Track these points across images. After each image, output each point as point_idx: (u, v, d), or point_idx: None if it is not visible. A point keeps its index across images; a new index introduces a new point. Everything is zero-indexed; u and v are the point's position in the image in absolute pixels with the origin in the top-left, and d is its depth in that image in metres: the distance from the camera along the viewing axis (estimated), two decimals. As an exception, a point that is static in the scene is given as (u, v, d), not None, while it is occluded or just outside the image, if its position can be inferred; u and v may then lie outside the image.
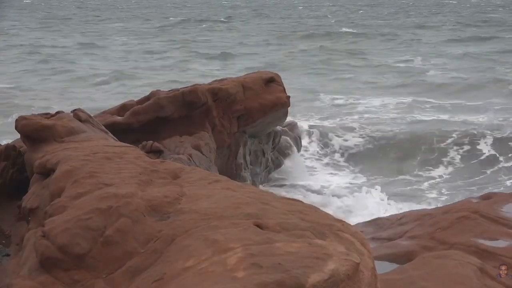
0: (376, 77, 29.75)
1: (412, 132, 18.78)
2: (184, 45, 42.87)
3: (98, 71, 31.42)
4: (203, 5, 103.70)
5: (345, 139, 18.28)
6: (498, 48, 39.37)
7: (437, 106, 22.78)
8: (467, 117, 20.55)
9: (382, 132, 18.77)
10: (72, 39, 45.96)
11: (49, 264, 3.88)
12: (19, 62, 34.23)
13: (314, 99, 24.33)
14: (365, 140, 18.20)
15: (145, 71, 31.63)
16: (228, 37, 49.28)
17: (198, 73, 30.14)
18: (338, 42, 44.48)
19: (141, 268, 3.69)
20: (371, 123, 20.00)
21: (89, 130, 7.74)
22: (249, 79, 13.64)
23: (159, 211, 4.28)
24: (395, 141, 18.08)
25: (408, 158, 17.15)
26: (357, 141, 18.18)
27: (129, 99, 13.72)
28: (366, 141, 18.15)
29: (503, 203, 7.69)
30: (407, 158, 17.14)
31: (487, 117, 20.48)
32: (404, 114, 21.42)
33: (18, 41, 43.88)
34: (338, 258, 3.15)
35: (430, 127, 19.14)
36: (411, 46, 41.94)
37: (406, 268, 5.89)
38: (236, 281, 2.96)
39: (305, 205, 4.40)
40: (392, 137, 18.40)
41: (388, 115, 21.25)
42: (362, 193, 13.70)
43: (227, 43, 44.07)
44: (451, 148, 17.38)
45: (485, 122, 19.75)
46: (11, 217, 7.03)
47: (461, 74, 29.61)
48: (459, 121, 19.95)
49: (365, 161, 17.07)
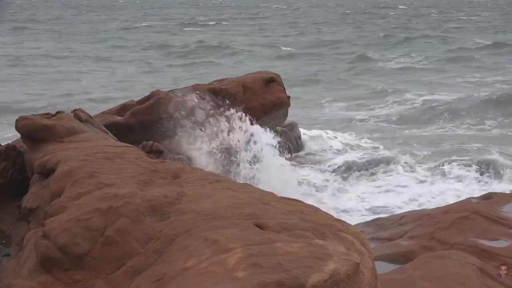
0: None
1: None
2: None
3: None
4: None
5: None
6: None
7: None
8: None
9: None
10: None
11: (49, 264, 3.88)
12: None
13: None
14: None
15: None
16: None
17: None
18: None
19: (141, 268, 3.69)
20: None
21: (89, 130, 7.74)
22: (250, 79, 13.66)
23: (159, 211, 4.28)
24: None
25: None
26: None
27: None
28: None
29: (503, 203, 7.69)
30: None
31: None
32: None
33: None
34: (338, 258, 3.15)
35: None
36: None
37: (406, 268, 5.89)
38: (236, 281, 2.96)
39: (306, 205, 4.40)
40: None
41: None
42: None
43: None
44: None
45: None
46: (11, 217, 7.03)
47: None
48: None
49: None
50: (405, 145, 17.41)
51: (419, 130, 19.89)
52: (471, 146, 16.74)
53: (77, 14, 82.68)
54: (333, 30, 57.88)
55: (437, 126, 20.38)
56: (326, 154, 16.27)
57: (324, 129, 18.64)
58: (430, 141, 17.87)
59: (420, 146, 17.19)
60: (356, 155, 15.92)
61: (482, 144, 16.90)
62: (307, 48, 43.90)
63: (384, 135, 18.89)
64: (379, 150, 16.41)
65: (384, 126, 20.56)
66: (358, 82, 30.14)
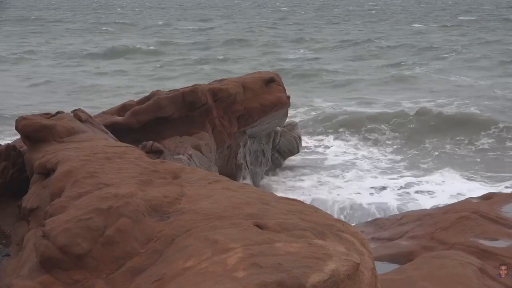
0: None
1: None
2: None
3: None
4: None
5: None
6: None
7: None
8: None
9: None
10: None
11: (49, 264, 3.87)
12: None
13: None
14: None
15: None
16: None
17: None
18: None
19: (141, 268, 3.69)
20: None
21: (89, 130, 7.74)
22: (250, 79, 13.63)
23: (159, 211, 4.28)
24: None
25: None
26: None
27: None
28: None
29: (503, 203, 7.69)
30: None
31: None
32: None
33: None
34: (338, 258, 3.14)
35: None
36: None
37: (406, 268, 5.90)
38: (236, 281, 2.96)
39: (305, 205, 4.40)
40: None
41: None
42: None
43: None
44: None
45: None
46: (11, 217, 7.03)
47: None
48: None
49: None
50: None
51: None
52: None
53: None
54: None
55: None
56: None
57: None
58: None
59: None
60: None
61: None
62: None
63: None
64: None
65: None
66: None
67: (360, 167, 16.75)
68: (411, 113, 21.71)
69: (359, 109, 23.22)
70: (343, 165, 16.96)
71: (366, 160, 17.50)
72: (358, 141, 19.56)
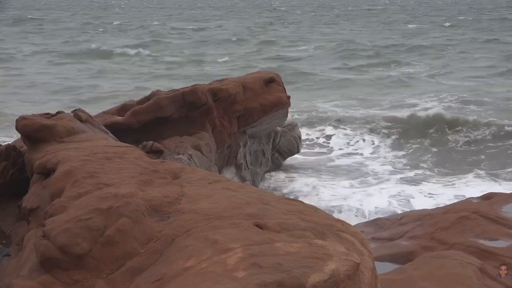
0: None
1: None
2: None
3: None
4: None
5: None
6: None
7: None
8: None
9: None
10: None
11: (49, 264, 3.87)
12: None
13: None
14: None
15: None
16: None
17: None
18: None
19: (141, 268, 3.69)
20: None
21: (89, 130, 7.74)
22: (250, 79, 13.62)
23: (159, 211, 4.28)
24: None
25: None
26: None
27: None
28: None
29: (503, 203, 7.69)
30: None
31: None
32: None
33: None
34: (338, 258, 3.14)
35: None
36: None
37: (406, 268, 5.89)
38: (236, 281, 2.96)
39: (305, 205, 4.40)
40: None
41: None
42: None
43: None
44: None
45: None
46: (11, 217, 7.03)
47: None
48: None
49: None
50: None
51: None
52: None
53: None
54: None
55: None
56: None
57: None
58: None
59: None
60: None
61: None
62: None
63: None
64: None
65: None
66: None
67: (360, 166, 16.77)
68: (409, 112, 21.78)
69: (357, 109, 23.27)
70: (343, 165, 16.99)
71: (366, 160, 17.53)
72: (356, 140, 19.57)
